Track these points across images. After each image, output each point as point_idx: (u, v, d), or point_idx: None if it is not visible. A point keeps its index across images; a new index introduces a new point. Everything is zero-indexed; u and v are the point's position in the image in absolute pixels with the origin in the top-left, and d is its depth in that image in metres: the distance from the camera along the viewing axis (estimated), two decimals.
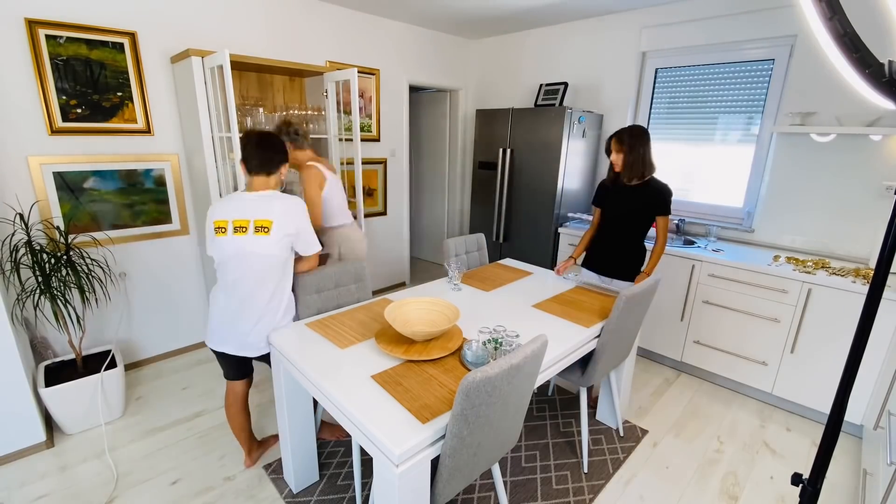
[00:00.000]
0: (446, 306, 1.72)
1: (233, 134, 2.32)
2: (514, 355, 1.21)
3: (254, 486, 1.91)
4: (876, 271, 0.82)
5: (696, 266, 2.70)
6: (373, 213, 3.95)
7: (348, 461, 2.06)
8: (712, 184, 3.15)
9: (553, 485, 1.95)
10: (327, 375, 1.43)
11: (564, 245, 3.34)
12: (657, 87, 3.32)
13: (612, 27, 3.40)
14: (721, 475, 2.04)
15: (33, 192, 2.31)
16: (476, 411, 1.15)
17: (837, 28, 0.67)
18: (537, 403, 2.52)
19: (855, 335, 0.86)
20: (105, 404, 2.25)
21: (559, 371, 1.76)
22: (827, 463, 0.95)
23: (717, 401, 2.63)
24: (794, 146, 2.71)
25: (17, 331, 2.07)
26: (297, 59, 3.19)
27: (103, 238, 2.55)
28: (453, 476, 1.27)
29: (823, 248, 2.71)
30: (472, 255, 2.78)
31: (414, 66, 3.96)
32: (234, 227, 1.65)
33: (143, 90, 2.54)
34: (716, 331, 2.69)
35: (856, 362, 0.87)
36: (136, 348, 2.81)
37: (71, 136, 2.37)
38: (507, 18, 3.58)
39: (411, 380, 1.40)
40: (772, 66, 2.78)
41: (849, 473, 2.08)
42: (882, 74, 0.68)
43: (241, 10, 2.86)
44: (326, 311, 2.01)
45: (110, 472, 1.96)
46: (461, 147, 4.60)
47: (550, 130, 3.23)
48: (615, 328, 1.84)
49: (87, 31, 2.32)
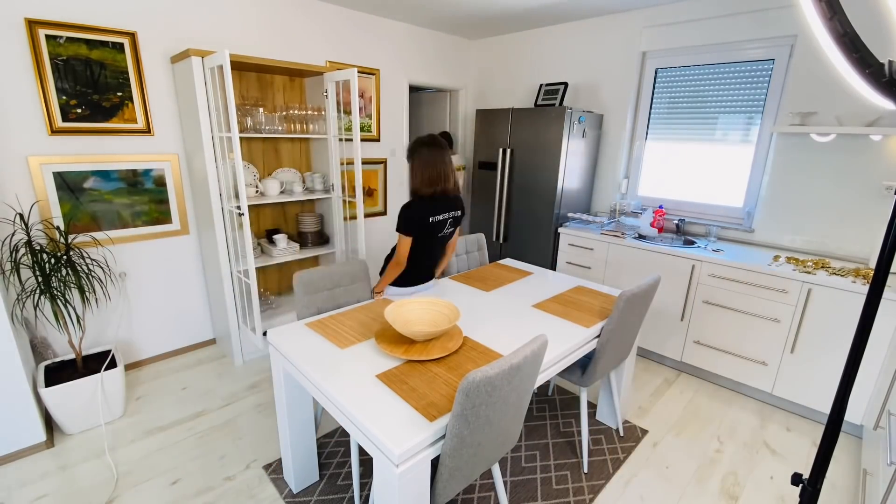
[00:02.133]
0: (446, 306, 1.72)
1: (233, 134, 2.32)
2: (514, 355, 1.21)
3: (254, 486, 1.91)
4: (876, 272, 0.82)
5: (696, 266, 2.70)
6: (373, 213, 3.95)
7: (348, 461, 2.06)
8: (712, 184, 3.15)
9: (553, 485, 1.95)
10: (327, 375, 1.43)
11: (564, 245, 3.34)
12: (657, 87, 3.32)
13: (612, 27, 3.40)
14: (721, 475, 2.04)
15: (33, 192, 2.31)
16: (476, 411, 1.15)
17: (837, 28, 0.67)
18: (537, 403, 2.52)
19: (855, 335, 0.86)
20: (105, 404, 2.25)
21: (559, 371, 1.76)
22: (827, 463, 0.95)
23: (717, 401, 2.63)
24: (794, 146, 2.71)
25: (17, 331, 2.07)
26: (298, 59, 3.19)
27: (103, 238, 2.55)
28: (453, 476, 1.27)
29: (823, 248, 2.71)
30: (472, 255, 2.78)
31: (414, 66, 3.95)
32: None
33: (143, 90, 2.54)
34: (716, 331, 2.69)
35: (856, 362, 0.87)
36: (136, 348, 2.81)
37: (71, 136, 2.37)
38: (507, 18, 3.58)
39: (416, 378, 1.40)
40: (772, 66, 2.78)
41: (849, 473, 2.08)
42: (882, 74, 0.68)
43: (241, 10, 2.86)
44: (326, 311, 2.01)
45: (110, 473, 1.96)
46: (461, 147, 4.60)
47: (550, 130, 3.23)
48: (615, 328, 1.84)
49: (87, 31, 2.32)
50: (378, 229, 4.04)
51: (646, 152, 3.46)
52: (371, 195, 3.91)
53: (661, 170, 3.40)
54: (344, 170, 3.20)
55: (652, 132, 3.40)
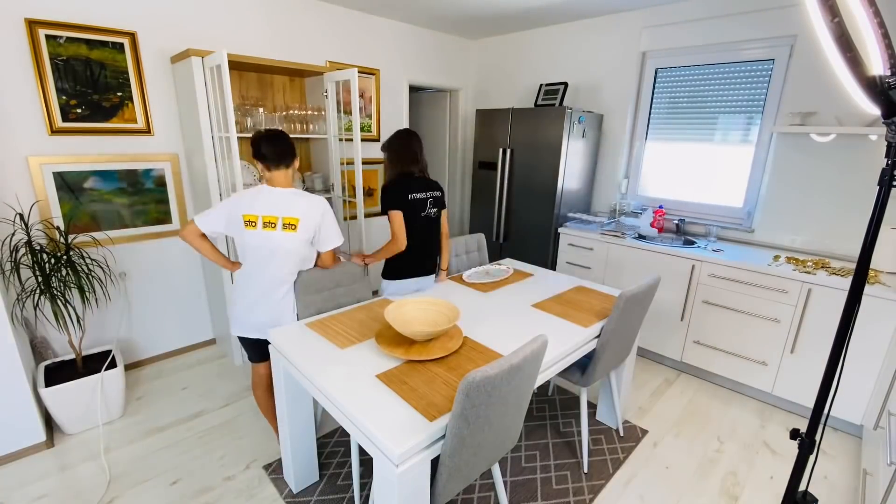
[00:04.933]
0: (446, 306, 1.72)
1: (231, 134, 2.32)
2: (514, 355, 1.21)
3: (254, 486, 1.91)
4: (857, 269, 0.82)
5: (696, 266, 2.70)
6: (373, 213, 3.95)
7: (348, 461, 2.06)
8: (712, 184, 3.15)
9: (553, 485, 1.95)
10: (327, 375, 1.43)
11: (564, 245, 3.34)
12: (657, 87, 3.32)
13: (613, 27, 3.40)
14: (721, 475, 2.04)
15: (33, 192, 2.31)
16: (476, 411, 1.15)
17: (838, 30, 0.67)
18: (537, 403, 2.52)
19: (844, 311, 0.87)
20: (105, 404, 2.25)
21: (559, 371, 1.76)
22: (820, 414, 0.95)
23: (717, 401, 2.63)
24: (794, 146, 2.71)
25: (17, 331, 2.07)
26: (298, 59, 3.19)
27: (103, 238, 2.55)
28: (453, 476, 1.27)
29: (823, 248, 2.70)
30: (472, 255, 2.78)
31: (414, 66, 3.95)
32: (264, 222, 1.76)
33: (142, 90, 2.54)
34: (716, 331, 2.69)
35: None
36: (136, 348, 2.81)
37: (71, 136, 2.37)
38: (507, 18, 3.58)
39: (416, 378, 1.40)
40: (772, 66, 2.77)
41: (849, 473, 2.08)
42: (875, 85, 0.69)
43: (241, 10, 2.86)
44: (326, 311, 2.01)
45: (110, 473, 1.96)
46: (461, 147, 4.60)
47: (550, 130, 3.23)
48: (615, 328, 1.84)
49: (87, 31, 2.32)
50: (378, 229, 4.04)
51: (646, 152, 3.46)
52: (371, 195, 3.90)
53: (661, 170, 3.40)
54: (344, 170, 3.20)
55: (652, 132, 3.40)
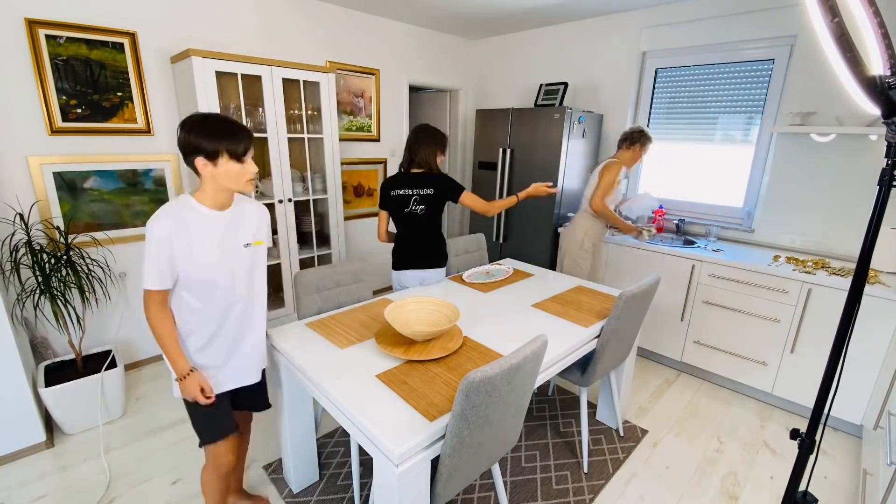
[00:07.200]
0: (446, 306, 1.72)
1: None
2: (514, 355, 1.21)
3: (254, 486, 1.91)
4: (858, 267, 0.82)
5: (696, 266, 2.70)
6: (373, 213, 3.95)
7: (348, 461, 2.05)
8: (712, 184, 3.14)
9: (553, 485, 1.95)
10: (327, 375, 1.43)
11: None
12: (657, 87, 3.32)
13: (612, 27, 3.39)
14: (721, 475, 2.04)
15: (33, 192, 2.31)
16: (476, 411, 1.15)
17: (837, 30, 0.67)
18: (537, 403, 2.52)
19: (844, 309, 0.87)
20: (105, 404, 2.25)
21: (559, 371, 1.76)
22: (820, 413, 0.95)
23: (717, 401, 2.63)
24: (794, 146, 2.71)
25: (17, 331, 2.07)
26: (298, 59, 3.19)
27: (103, 238, 2.55)
28: (453, 476, 1.27)
29: (823, 248, 2.70)
30: (472, 256, 2.78)
31: (414, 66, 3.95)
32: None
33: (142, 90, 2.54)
34: (716, 331, 2.69)
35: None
36: (136, 348, 2.81)
37: (71, 136, 2.37)
38: (507, 18, 3.58)
39: (416, 378, 1.40)
40: (772, 66, 2.77)
41: (849, 473, 2.08)
42: (875, 85, 0.69)
43: (241, 11, 2.86)
44: (326, 310, 2.01)
45: (110, 473, 1.96)
46: (461, 147, 4.60)
47: (550, 130, 3.23)
48: (615, 328, 1.84)
49: (87, 31, 2.32)
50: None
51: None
52: (371, 195, 3.90)
53: (661, 170, 3.40)
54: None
55: (652, 132, 3.38)
